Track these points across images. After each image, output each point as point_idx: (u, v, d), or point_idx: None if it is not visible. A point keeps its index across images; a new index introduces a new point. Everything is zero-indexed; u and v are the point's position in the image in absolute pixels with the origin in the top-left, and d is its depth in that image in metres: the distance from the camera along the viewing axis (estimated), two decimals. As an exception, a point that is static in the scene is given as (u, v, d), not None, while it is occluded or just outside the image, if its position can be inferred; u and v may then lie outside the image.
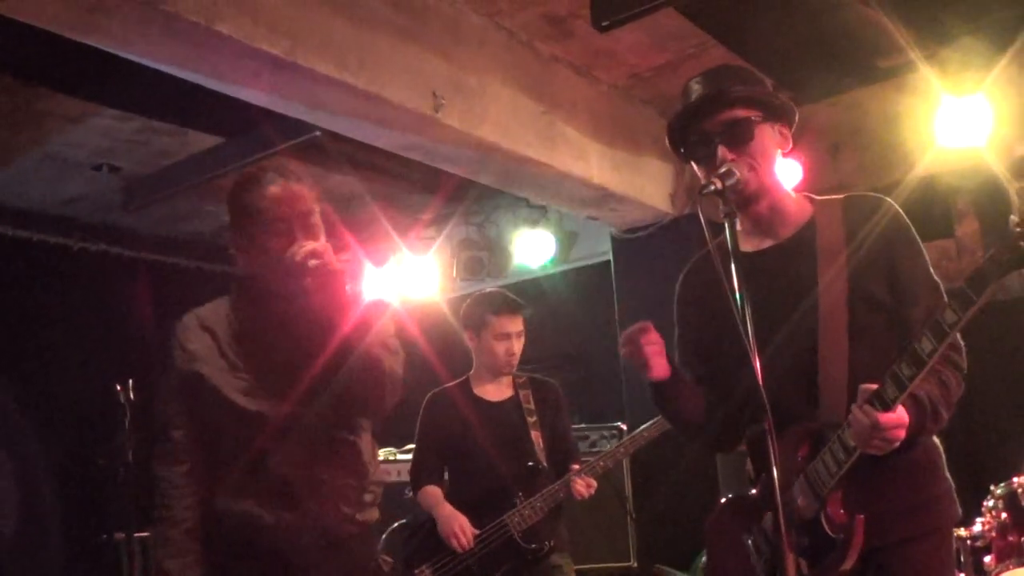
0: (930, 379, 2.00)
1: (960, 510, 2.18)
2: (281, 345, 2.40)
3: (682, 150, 2.30)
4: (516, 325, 3.99)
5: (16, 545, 5.42)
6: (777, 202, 2.24)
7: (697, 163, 2.25)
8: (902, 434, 1.92)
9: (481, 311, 4.00)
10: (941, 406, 2.03)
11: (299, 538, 2.36)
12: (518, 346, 4.00)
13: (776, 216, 2.25)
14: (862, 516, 1.99)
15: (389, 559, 2.55)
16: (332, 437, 2.44)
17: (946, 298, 1.93)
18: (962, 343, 2.11)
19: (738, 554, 2.24)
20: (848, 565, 2.00)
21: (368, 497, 2.50)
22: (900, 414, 1.91)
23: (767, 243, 2.26)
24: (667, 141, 2.32)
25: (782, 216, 2.25)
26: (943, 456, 2.18)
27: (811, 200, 2.30)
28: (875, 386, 1.92)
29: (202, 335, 2.42)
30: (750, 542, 2.22)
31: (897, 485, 2.08)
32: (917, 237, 2.18)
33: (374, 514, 2.54)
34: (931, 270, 2.16)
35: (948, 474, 2.18)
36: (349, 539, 2.45)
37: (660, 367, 2.25)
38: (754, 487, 2.26)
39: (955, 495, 2.17)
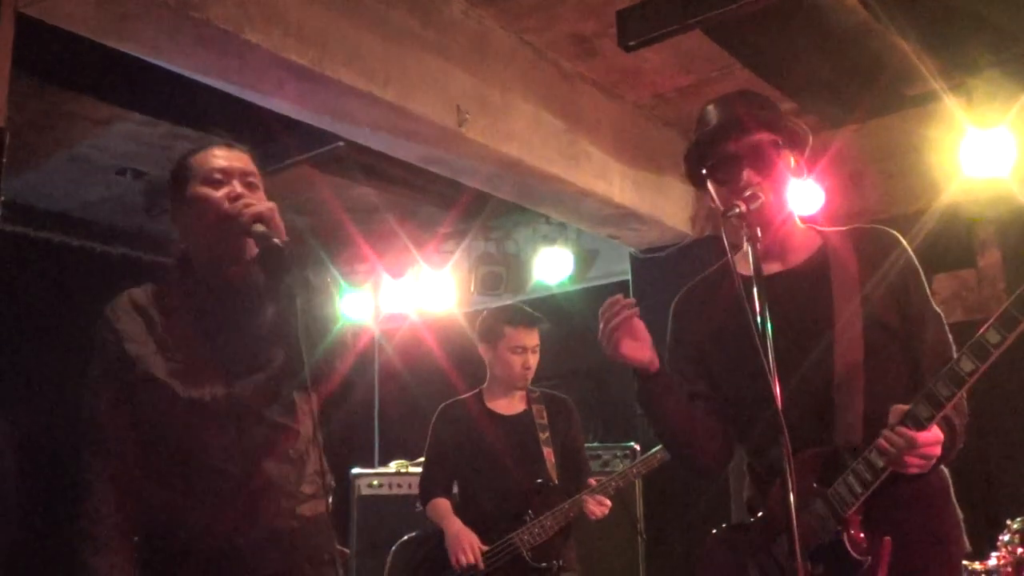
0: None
1: (968, 544, 2.17)
2: (217, 320, 2.25)
3: (702, 171, 2.28)
4: (532, 339, 3.99)
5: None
6: (789, 229, 2.27)
7: (717, 184, 2.24)
8: (939, 451, 1.94)
9: (497, 323, 4.00)
10: (959, 437, 2.05)
11: (237, 537, 2.18)
12: (533, 360, 4.00)
13: (787, 242, 2.27)
14: (888, 538, 1.99)
15: (346, 550, 2.40)
16: (270, 422, 2.24)
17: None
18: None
19: None
20: None
21: (308, 488, 2.28)
22: (936, 432, 1.94)
23: (776, 267, 2.27)
24: (683, 161, 2.32)
25: (792, 243, 2.28)
26: (951, 487, 2.19)
27: (816, 230, 2.32)
28: (906, 407, 1.93)
29: (133, 315, 2.26)
30: (756, 571, 2.17)
31: (914, 512, 2.08)
32: (919, 265, 2.23)
33: (319, 507, 2.29)
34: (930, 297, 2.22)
35: (957, 506, 2.18)
36: (291, 534, 2.24)
37: (643, 350, 2.24)
38: (753, 514, 2.25)
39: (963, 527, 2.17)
